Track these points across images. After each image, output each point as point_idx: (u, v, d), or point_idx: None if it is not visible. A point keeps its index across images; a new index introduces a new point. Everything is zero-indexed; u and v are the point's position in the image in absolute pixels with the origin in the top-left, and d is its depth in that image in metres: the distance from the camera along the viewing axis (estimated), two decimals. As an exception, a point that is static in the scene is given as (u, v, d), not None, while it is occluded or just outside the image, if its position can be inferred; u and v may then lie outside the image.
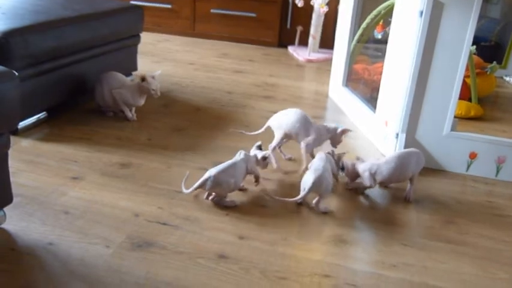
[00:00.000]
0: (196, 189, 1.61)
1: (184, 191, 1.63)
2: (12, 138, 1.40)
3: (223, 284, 1.27)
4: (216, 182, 1.58)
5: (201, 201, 1.64)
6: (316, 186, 1.57)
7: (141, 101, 2.27)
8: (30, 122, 2.12)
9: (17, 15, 2.08)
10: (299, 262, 1.38)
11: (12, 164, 1.42)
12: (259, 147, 1.78)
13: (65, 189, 1.65)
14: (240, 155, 1.69)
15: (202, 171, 1.82)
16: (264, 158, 1.73)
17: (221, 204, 1.62)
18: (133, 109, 2.30)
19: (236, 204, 1.63)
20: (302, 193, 1.59)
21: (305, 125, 1.86)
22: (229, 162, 1.65)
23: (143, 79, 2.20)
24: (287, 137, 1.89)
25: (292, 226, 1.54)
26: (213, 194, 1.63)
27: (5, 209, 1.43)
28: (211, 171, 1.60)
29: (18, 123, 2.01)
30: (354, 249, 1.46)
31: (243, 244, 1.43)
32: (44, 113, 2.19)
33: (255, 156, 1.73)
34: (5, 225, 1.43)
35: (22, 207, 1.53)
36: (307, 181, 1.59)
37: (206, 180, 1.59)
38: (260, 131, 1.95)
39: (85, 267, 1.29)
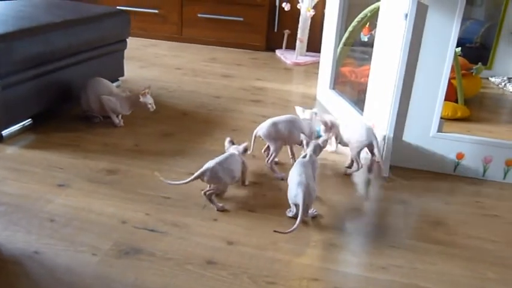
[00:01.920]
0: (193, 180, 1.61)
1: (177, 182, 1.62)
2: (-4, 146, 1.38)
3: (212, 289, 1.26)
4: (215, 173, 1.59)
5: (189, 206, 1.63)
6: (307, 199, 1.52)
7: (129, 111, 2.26)
8: (15, 129, 2.09)
9: (0, 22, 2.05)
10: (288, 266, 1.37)
11: (-4, 172, 1.40)
12: (232, 142, 1.81)
13: (51, 197, 1.63)
14: (231, 149, 1.75)
15: (189, 176, 1.82)
16: (245, 150, 1.77)
17: (212, 203, 1.62)
18: (120, 116, 2.29)
19: (225, 208, 1.63)
20: (299, 212, 1.49)
21: (296, 127, 1.87)
22: (227, 154, 1.70)
23: (143, 94, 2.20)
24: (282, 144, 1.90)
25: (281, 230, 1.53)
26: (211, 187, 1.63)
27: (-11, 218, 1.41)
28: (210, 163, 1.61)
29: (3, 130, 1.99)
30: (342, 253, 1.45)
31: (231, 249, 1.42)
32: (29, 120, 2.16)
33: (238, 150, 1.76)
34: (-11, 235, 1.41)
35: (7, 215, 1.51)
36: (297, 196, 1.52)
37: (204, 172, 1.60)
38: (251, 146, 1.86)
39: (72, 276, 1.27)
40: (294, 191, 1.54)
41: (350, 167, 1.97)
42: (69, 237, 1.43)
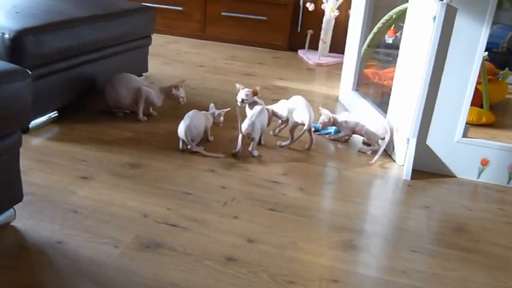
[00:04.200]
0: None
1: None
2: (23, 137, 1.40)
3: (232, 287, 1.26)
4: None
5: (209, 203, 1.64)
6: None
7: (161, 103, 2.34)
8: (41, 121, 2.13)
9: (30, 15, 2.09)
10: (308, 266, 1.37)
11: (23, 162, 1.42)
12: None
13: (74, 189, 1.66)
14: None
15: (210, 172, 1.83)
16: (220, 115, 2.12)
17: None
18: (151, 108, 2.35)
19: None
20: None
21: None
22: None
23: (176, 87, 2.29)
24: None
25: (301, 230, 1.53)
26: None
27: (15, 207, 1.43)
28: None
29: (30, 122, 2.03)
30: (362, 255, 1.44)
31: (251, 247, 1.42)
32: (55, 112, 2.20)
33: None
34: (14, 223, 1.44)
35: (32, 205, 1.54)
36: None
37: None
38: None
39: (93, 267, 1.29)
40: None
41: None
42: (92, 229, 1.45)
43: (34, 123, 2.08)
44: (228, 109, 2.16)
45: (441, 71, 1.84)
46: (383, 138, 2.07)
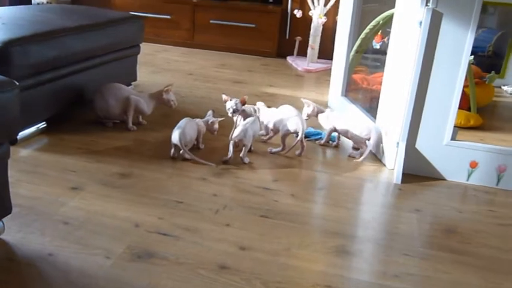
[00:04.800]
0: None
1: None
2: (12, 148, 1.39)
3: (225, 295, 1.26)
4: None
5: (202, 211, 1.63)
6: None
7: (151, 111, 2.33)
8: (30, 132, 2.11)
9: (17, 26, 2.08)
10: (301, 273, 1.36)
11: (11, 174, 1.41)
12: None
13: (64, 200, 1.64)
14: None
15: (202, 181, 1.83)
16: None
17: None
18: (140, 117, 2.34)
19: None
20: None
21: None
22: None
23: (166, 91, 2.29)
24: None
25: (293, 236, 1.53)
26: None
27: (4, 219, 1.42)
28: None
29: (18, 133, 2.01)
30: (355, 260, 1.45)
31: (244, 255, 1.42)
32: (43, 123, 2.18)
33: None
34: (3, 236, 1.42)
35: (21, 217, 1.52)
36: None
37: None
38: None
39: (85, 278, 1.28)
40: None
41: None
42: (83, 240, 1.43)
43: (22, 134, 2.06)
44: (223, 118, 2.16)
45: (428, 75, 1.86)
46: (369, 139, 2.09)
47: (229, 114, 2.11)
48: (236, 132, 1.96)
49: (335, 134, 2.24)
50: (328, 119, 2.21)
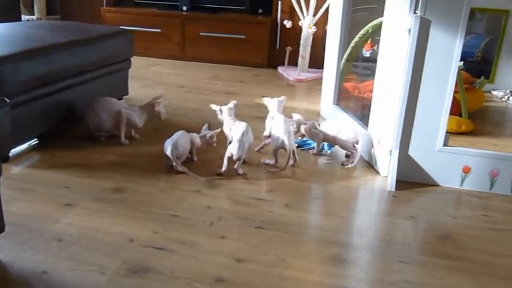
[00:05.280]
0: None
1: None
2: (3, 166, 1.38)
3: (222, 308, 1.25)
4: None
5: (196, 224, 1.63)
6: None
7: (143, 123, 2.32)
8: (21, 149, 2.10)
9: (7, 43, 2.08)
10: (297, 283, 1.36)
11: (3, 191, 1.40)
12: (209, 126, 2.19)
13: (58, 216, 1.63)
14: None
15: (195, 193, 1.82)
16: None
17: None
18: (133, 131, 2.34)
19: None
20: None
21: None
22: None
23: (158, 103, 2.31)
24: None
25: (289, 247, 1.52)
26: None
27: (-3, 238, 1.40)
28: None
29: (10, 150, 2.00)
30: (351, 268, 1.44)
31: (240, 267, 1.41)
32: (35, 139, 2.17)
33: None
34: (-4, 255, 1.41)
35: (14, 236, 1.51)
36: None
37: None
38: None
39: (80, 296, 1.27)
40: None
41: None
42: (77, 257, 1.42)
43: (14, 151, 2.05)
44: (220, 129, 2.15)
45: (419, 82, 1.87)
46: (357, 142, 2.10)
47: (226, 121, 2.14)
48: (234, 150, 1.94)
49: (323, 143, 2.26)
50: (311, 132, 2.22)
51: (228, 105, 2.22)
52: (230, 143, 2.05)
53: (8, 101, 1.32)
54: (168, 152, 1.94)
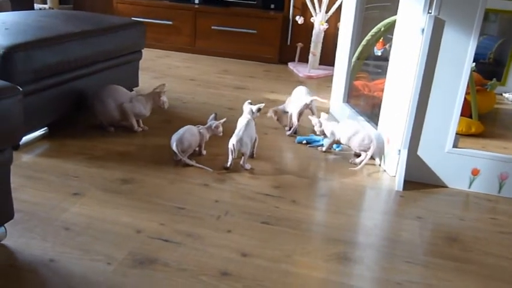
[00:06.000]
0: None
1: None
2: (14, 154, 1.39)
3: (227, 302, 1.25)
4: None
5: (203, 217, 1.63)
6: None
7: (149, 112, 2.33)
8: (32, 137, 2.11)
9: (20, 31, 2.09)
10: (303, 280, 1.36)
11: (13, 179, 1.41)
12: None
13: (66, 205, 1.64)
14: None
15: (203, 186, 1.83)
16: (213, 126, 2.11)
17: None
18: (141, 122, 2.34)
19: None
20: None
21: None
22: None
23: (163, 91, 2.32)
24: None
25: (295, 243, 1.53)
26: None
27: (6, 224, 1.42)
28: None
29: (21, 138, 2.01)
30: (357, 267, 1.44)
31: (246, 261, 1.42)
32: (45, 128, 2.18)
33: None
34: (5, 241, 1.42)
35: (23, 223, 1.52)
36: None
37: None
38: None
39: (86, 285, 1.28)
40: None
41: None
42: (84, 246, 1.43)
43: (25, 139, 2.06)
44: (225, 119, 2.15)
45: (430, 82, 1.86)
46: (369, 148, 2.09)
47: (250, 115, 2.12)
48: (232, 142, 1.96)
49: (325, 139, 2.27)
50: (327, 127, 2.22)
51: (257, 105, 2.16)
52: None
53: (20, 89, 1.33)
54: (174, 147, 1.95)
